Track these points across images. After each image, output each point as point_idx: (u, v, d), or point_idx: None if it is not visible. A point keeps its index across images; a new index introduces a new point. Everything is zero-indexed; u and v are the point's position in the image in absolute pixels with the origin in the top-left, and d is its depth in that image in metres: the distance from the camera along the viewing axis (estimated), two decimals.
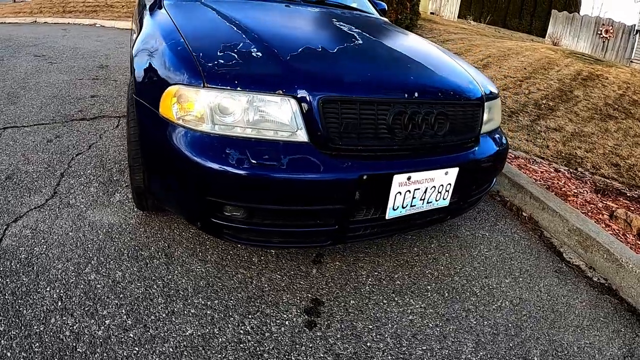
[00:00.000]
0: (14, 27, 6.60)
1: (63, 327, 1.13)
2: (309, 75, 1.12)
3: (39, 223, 1.51)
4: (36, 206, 1.60)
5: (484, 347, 1.27)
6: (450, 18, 12.56)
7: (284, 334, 1.21)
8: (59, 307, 1.19)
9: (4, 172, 1.78)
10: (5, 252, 1.35)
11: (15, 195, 1.64)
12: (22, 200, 1.61)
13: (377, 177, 1.14)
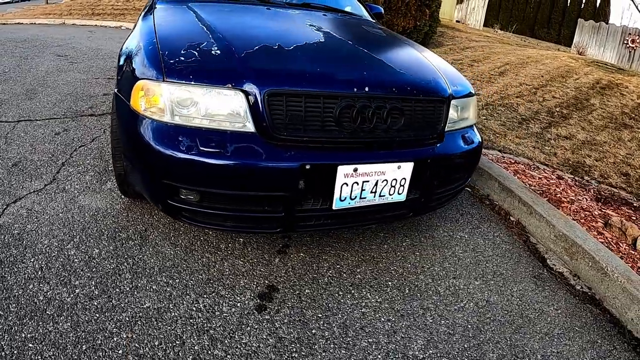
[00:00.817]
0: (43, 28, 7.28)
1: (38, 292, 1.31)
2: (257, 70, 1.23)
3: (35, 205, 1.73)
4: (35, 190, 1.82)
5: (435, 346, 1.29)
6: (476, 26, 12.56)
7: (233, 314, 1.31)
8: (39, 275, 1.37)
9: (12, 160, 2.03)
10: (1, 227, 1.56)
11: (19, 180, 1.87)
12: (23, 185, 1.84)
13: (320, 167, 1.22)
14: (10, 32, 6.16)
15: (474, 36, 8.23)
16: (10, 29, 6.82)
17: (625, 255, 1.89)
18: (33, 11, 10.58)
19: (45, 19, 8.44)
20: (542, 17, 17.95)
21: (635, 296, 1.55)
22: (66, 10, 9.30)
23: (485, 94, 4.51)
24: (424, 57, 1.74)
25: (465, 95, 1.63)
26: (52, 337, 1.16)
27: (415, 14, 6.17)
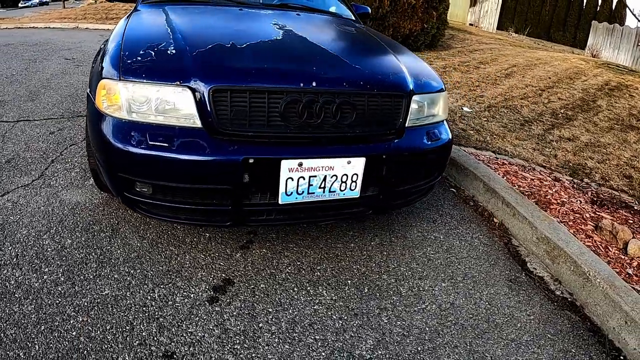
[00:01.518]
0: (56, 31, 7.72)
1: (10, 277, 1.42)
2: (204, 68, 1.29)
3: (20, 198, 1.86)
4: (22, 185, 1.96)
5: (385, 347, 1.28)
6: (489, 30, 12.50)
7: (185, 304, 1.37)
8: (13, 262, 1.49)
9: (6, 157, 2.20)
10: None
11: (9, 176, 2.02)
12: (12, 180, 1.99)
13: (263, 161, 1.26)
14: (24, 36, 6.62)
15: (485, 39, 8.15)
16: (25, 33, 7.32)
17: (613, 260, 1.82)
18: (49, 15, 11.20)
19: (59, 23, 8.89)
20: (558, 19, 17.96)
21: (617, 303, 1.49)
22: (81, 15, 9.75)
23: (489, 95, 4.45)
24: (391, 53, 1.75)
25: (432, 91, 1.64)
26: (15, 318, 1.25)
27: (422, 16, 6.18)
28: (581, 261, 1.67)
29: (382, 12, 6.62)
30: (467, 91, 4.70)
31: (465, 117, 3.77)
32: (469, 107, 4.17)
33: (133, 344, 1.21)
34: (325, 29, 1.93)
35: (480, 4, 12.70)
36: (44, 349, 1.16)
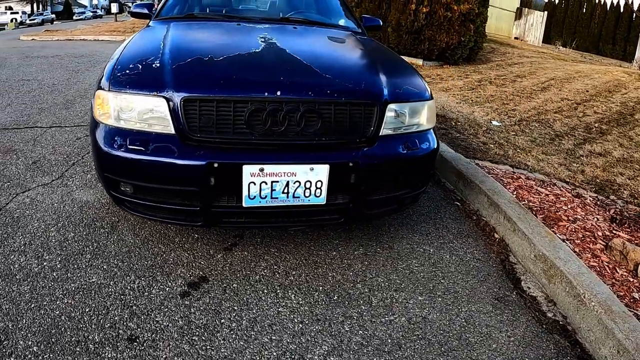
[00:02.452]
0: (104, 44, 8.57)
1: (15, 262, 1.64)
2: (177, 79, 1.44)
3: (38, 195, 2.15)
4: (43, 184, 2.26)
5: (339, 354, 1.30)
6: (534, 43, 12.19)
7: (159, 296, 1.49)
8: (21, 249, 1.72)
9: (33, 158, 2.55)
10: (6, 210, 1.99)
11: (32, 175, 2.34)
12: (35, 179, 2.30)
13: (226, 166, 1.37)
14: (72, 48, 7.45)
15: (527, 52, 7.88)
16: (74, 45, 8.21)
17: (619, 282, 1.68)
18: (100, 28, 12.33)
19: (108, 36, 9.76)
20: (607, 33, 17.54)
21: (610, 330, 1.38)
22: (130, 28, 10.63)
23: (522, 109, 4.29)
24: (374, 63, 1.80)
25: (414, 100, 1.67)
26: (12, 295, 1.46)
27: (459, 30, 6.15)
28: (577, 282, 1.57)
29: (417, 25, 6.69)
30: (500, 105, 4.57)
31: (492, 130, 3.67)
32: (498, 121, 4.05)
33: (104, 326, 1.35)
34: (314, 41, 2.05)
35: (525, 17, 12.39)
36: (29, 323, 1.34)
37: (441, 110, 4.20)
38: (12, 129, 3.05)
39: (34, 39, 12.77)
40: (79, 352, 1.25)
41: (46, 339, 1.29)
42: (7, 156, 2.56)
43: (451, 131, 3.44)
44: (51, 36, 12.99)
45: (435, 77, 6.01)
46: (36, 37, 13.22)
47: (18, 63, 6.31)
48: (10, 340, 1.28)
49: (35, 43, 11.22)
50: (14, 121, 3.22)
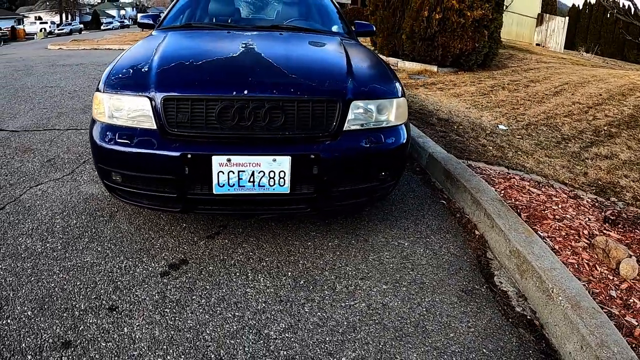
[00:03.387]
0: None
1: (22, 243, 1.89)
2: (159, 81, 1.67)
3: (49, 188, 2.44)
4: (54, 179, 2.55)
5: (294, 332, 1.43)
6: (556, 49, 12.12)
7: (142, 274, 1.69)
8: (28, 233, 1.98)
9: (48, 157, 2.87)
10: (19, 201, 2.27)
11: (46, 171, 2.65)
12: (48, 174, 2.60)
13: (197, 156, 1.57)
14: (97, 57, 8.02)
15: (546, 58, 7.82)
16: (99, 54, 8.78)
17: (596, 280, 1.72)
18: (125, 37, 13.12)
19: None
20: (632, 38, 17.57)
21: (575, 325, 1.43)
22: None
23: (531, 113, 4.29)
24: (345, 64, 1.93)
25: (381, 97, 1.81)
26: (16, 270, 1.70)
27: (472, 36, 6.21)
28: (547, 277, 1.63)
29: (430, 32, 6.81)
30: (509, 109, 4.59)
31: (496, 134, 3.72)
32: (505, 125, 4.09)
33: (91, 297, 1.56)
34: (293, 46, 2.23)
35: (546, 23, 12.29)
36: (28, 293, 1.57)
37: (447, 115, 4.28)
38: (32, 131, 3.42)
39: (61, 48, 13.77)
40: (65, 317, 1.46)
41: (39, 306, 1.51)
42: (25, 155, 2.90)
43: (451, 134, 3.53)
44: (77, 45, 13.94)
45: (448, 83, 6.09)
46: (63, 47, 14.22)
47: (43, 71, 6.94)
48: (9, 305, 1.51)
49: (61, 52, 12.15)
50: (35, 124, 3.61)
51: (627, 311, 1.60)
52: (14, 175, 2.58)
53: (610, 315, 1.55)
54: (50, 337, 1.37)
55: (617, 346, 1.35)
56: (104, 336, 1.38)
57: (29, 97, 4.72)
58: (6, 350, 1.32)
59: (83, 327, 1.42)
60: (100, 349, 1.33)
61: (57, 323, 1.43)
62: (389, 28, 7.68)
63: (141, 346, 1.35)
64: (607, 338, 1.38)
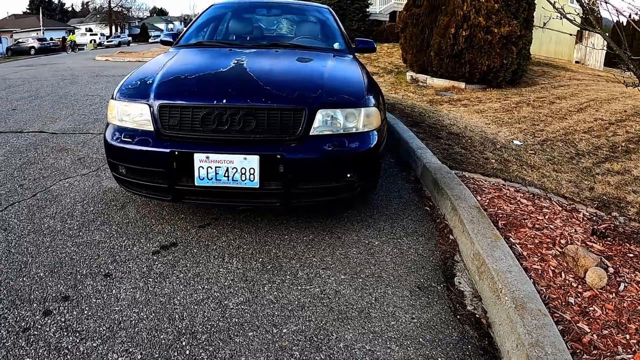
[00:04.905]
0: None
1: (46, 223, 2.33)
2: (156, 92, 2.08)
3: (75, 182, 2.92)
4: (81, 174, 3.05)
5: (249, 305, 1.70)
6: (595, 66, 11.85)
7: (137, 252, 2.05)
8: (52, 215, 2.43)
9: (80, 157, 3.40)
10: (49, 190, 2.76)
11: (75, 168, 3.16)
12: (76, 170, 3.10)
13: (182, 153, 1.94)
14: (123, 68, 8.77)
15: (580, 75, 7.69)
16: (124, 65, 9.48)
17: (556, 286, 1.82)
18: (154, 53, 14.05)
19: None
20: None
21: (514, 324, 1.54)
22: None
23: (551, 129, 4.33)
24: (320, 77, 2.25)
25: (348, 106, 2.08)
26: (37, 242, 2.12)
27: (500, 52, 6.31)
28: (500, 278, 1.76)
29: (457, 49, 7.00)
30: (529, 125, 4.65)
31: (506, 148, 3.83)
32: (520, 141, 4.17)
33: (92, 266, 1.93)
34: (280, 61, 2.59)
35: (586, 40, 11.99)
36: (43, 260, 1.97)
37: (460, 130, 4.43)
38: (69, 134, 4.04)
39: (108, 60, 15.18)
40: (69, 279, 1.84)
41: (50, 270, 1.90)
42: (60, 153, 3.46)
43: (455, 147, 3.68)
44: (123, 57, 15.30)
45: (473, 100, 6.21)
46: (110, 58, 15.64)
47: (87, 80, 7.89)
48: (27, 268, 1.91)
49: (107, 63, 13.50)
50: (72, 128, 4.24)
51: (583, 318, 1.67)
52: (47, 169, 3.11)
53: (560, 320, 1.64)
54: (54, 292, 1.75)
55: (552, 347, 1.43)
56: (96, 294, 1.74)
57: (71, 104, 5.48)
58: (18, 299, 1.71)
59: (81, 287, 1.79)
60: (91, 303, 1.68)
61: (62, 283, 1.81)
62: (417, 45, 7.96)
63: (123, 304, 1.69)
64: (544, 339, 1.46)
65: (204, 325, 1.58)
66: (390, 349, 1.51)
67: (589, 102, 5.19)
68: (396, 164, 3.48)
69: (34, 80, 8.18)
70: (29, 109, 5.15)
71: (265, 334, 1.55)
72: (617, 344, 1.55)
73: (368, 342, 1.54)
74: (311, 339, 1.54)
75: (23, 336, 1.51)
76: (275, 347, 1.49)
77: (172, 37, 3.22)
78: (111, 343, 1.49)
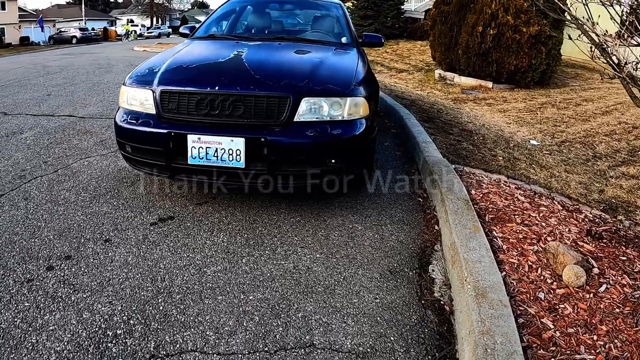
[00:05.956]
0: None
1: (62, 195, 2.61)
2: (159, 79, 2.30)
3: (94, 161, 3.21)
4: (101, 154, 3.34)
5: (224, 273, 1.87)
6: None
7: (137, 222, 2.27)
8: (68, 188, 2.70)
9: (102, 138, 3.72)
10: (70, 167, 3.06)
11: (96, 148, 3.46)
12: (97, 151, 3.40)
13: (177, 134, 2.13)
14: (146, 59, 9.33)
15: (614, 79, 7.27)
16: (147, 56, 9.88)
17: (528, 280, 1.82)
18: None
19: None
20: None
21: (470, 312, 1.57)
22: None
23: (572, 131, 4.21)
24: (311, 68, 2.38)
25: (333, 95, 2.19)
26: (52, 211, 2.39)
27: (529, 52, 6.13)
28: (467, 267, 1.81)
29: (484, 47, 6.87)
30: (551, 126, 4.54)
31: (519, 148, 3.78)
32: (538, 141, 4.10)
33: (95, 232, 2.17)
34: (277, 53, 2.76)
35: None
36: (54, 225, 2.23)
37: (475, 127, 4.40)
38: (96, 118, 4.40)
39: (145, 50, 15.93)
40: (74, 241, 2.08)
41: (59, 234, 2.15)
42: (84, 135, 3.80)
43: (464, 143, 3.68)
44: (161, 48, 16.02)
45: (498, 99, 6.09)
46: (147, 49, 16.40)
47: (122, 69, 8.41)
48: (39, 231, 2.17)
49: (144, 54, 14.19)
50: (99, 113, 4.61)
51: (549, 314, 1.66)
52: (71, 149, 3.44)
53: (523, 313, 1.64)
54: (58, 252, 1.99)
55: (502, 337, 1.44)
56: (94, 255, 1.96)
57: (102, 91, 5.92)
58: (28, 256, 1.96)
59: (83, 249, 2.02)
60: (88, 263, 1.91)
61: (67, 245, 2.05)
62: (446, 43, 7.87)
63: (116, 265, 1.90)
64: (496, 329, 1.48)
65: (181, 287, 1.76)
66: (346, 324, 1.61)
67: (616, 105, 4.99)
68: (401, 157, 3.54)
69: (71, 68, 8.86)
70: (63, 95, 5.62)
71: (233, 298, 1.70)
72: (581, 344, 1.52)
73: (326, 315, 1.65)
74: (273, 307, 1.67)
75: (26, 285, 1.75)
76: (239, 311, 1.64)
77: (189, 30, 3.47)
78: (98, 296, 1.70)
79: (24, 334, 1.50)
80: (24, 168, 3.01)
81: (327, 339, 1.52)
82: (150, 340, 1.48)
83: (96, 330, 1.52)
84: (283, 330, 1.55)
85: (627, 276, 1.92)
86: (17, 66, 9.65)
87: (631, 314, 1.67)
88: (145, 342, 1.47)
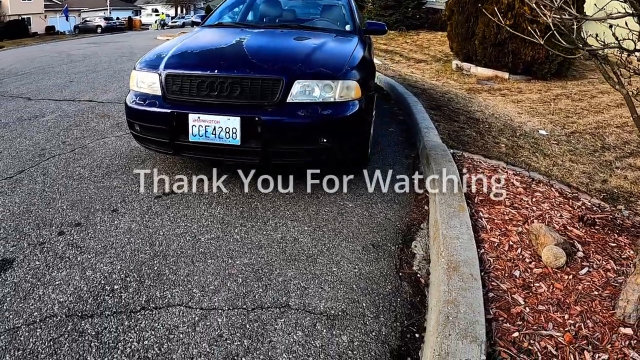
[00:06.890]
0: None
1: (77, 171, 2.81)
2: (165, 63, 2.45)
3: (110, 141, 3.40)
4: (116, 136, 3.54)
5: (217, 240, 2.01)
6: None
7: (143, 195, 2.44)
8: (83, 165, 2.90)
9: (118, 121, 3.92)
10: (86, 147, 3.26)
11: (112, 130, 3.67)
12: (113, 133, 3.61)
13: (179, 114, 2.28)
14: None
15: None
16: None
17: (507, 259, 1.86)
18: None
19: None
20: None
21: (439, 283, 1.63)
22: None
23: (583, 122, 4.15)
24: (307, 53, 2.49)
25: (324, 78, 2.29)
26: (67, 184, 2.59)
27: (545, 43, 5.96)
28: (444, 242, 1.87)
29: (500, 37, 6.75)
30: (562, 117, 4.47)
31: (526, 137, 3.77)
32: (547, 131, 4.06)
33: (105, 203, 2.35)
34: (277, 40, 2.90)
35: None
36: (68, 197, 2.42)
37: (484, 116, 4.39)
38: (114, 103, 4.62)
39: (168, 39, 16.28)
40: (84, 211, 2.26)
41: (71, 204, 2.33)
42: (102, 119, 4.02)
43: (468, 130, 3.69)
44: None
45: (513, 90, 6.01)
46: (170, 38, 16.82)
47: None
48: (54, 202, 2.37)
49: None
50: (118, 98, 4.83)
51: (521, 291, 1.69)
52: (89, 131, 3.65)
53: (495, 288, 1.68)
54: (70, 219, 2.17)
55: (467, 308, 1.50)
56: (102, 222, 2.14)
57: (123, 77, 6.17)
58: (41, 222, 2.15)
59: (92, 217, 2.19)
60: (95, 229, 2.08)
61: (78, 214, 2.23)
62: (463, 33, 7.76)
63: (119, 231, 2.06)
64: (462, 299, 1.53)
65: (176, 251, 1.90)
66: (322, 289, 1.72)
67: None
68: (403, 142, 3.58)
69: (95, 57, 9.22)
70: (85, 82, 5.90)
71: (221, 262, 1.84)
72: (550, 321, 1.55)
73: (305, 280, 1.76)
74: (257, 271, 1.80)
75: (39, 247, 1.93)
76: (225, 273, 1.77)
77: (200, 19, 3.62)
78: (101, 257, 1.86)
79: (33, 287, 1.68)
80: (43, 147, 3.23)
81: (302, 301, 1.63)
82: (143, 294, 1.63)
83: (96, 285, 1.68)
84: (262, 292, 1.67)
85: (613, 261, 1.93)
86: (42, 54, 10.11)
87: (610, 297, 1.68)
88: (138, 296, 1.62)
